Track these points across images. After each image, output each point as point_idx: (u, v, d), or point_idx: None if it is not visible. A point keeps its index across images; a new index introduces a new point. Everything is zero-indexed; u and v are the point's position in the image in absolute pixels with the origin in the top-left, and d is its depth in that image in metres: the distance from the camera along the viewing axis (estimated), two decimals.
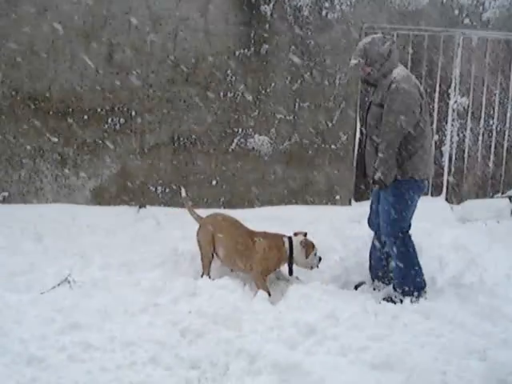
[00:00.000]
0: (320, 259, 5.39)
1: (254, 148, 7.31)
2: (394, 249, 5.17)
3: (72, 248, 5.87)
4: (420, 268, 5.21)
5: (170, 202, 7.19)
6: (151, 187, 7.18)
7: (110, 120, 6.98)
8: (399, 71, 5.00)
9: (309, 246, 5.30)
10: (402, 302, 5.11)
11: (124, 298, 4.85)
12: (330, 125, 7.41)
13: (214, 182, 7.29)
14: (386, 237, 5.22)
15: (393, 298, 5.20)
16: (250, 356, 4.01)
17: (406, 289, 5.17)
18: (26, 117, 6.86)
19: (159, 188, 7.17)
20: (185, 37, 6.95)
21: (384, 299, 5.19)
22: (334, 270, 5.74)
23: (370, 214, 5.60)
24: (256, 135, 7.29)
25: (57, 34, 6.74)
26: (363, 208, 7.11)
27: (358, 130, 7.52)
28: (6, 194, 6.96)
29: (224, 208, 7.22)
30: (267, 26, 7.10)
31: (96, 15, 6.77)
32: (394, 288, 5.27)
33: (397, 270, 5.22)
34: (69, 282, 5.13)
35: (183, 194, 5.66)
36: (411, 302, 5.09)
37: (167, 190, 7.20)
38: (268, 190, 7.40)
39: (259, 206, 7.35)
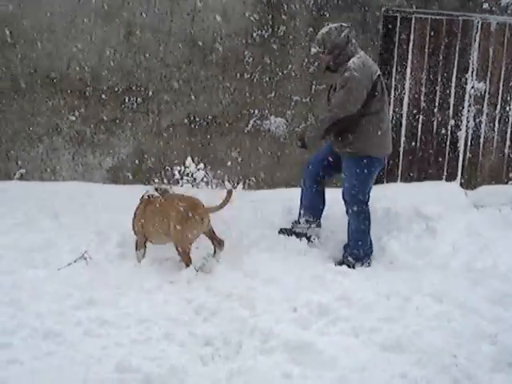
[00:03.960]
0: None
1: (269, 130, 7.32)
2: (352, 217, 5.61)
3: (88, 225, 5.92)
4: (370, 237, 5.66)
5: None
6: (167, 167, 7.21)
7: (127, 99, 7.01)
8: (355, 59, 5.32)
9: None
10: (354, 266, 5.52)
11: (139, 276, 4.92)
12: None
13: (229, 163, 7.31)
14: (347, 205, 5.65)
15: (345, 261, 5.58)
16: (263, 335, 4.07)
17: (357, 254, 5.58)
18: (44, 95, 6.90)
19: (175, 168, 7.20)
20: (203, 17, 6.95)
21: (337, 263, 5.56)
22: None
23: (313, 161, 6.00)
24: (272, 117, 7.30)
25: (75, 13, 6.76)
26: (378, 190, 7.14)
27: None
28: (24, 171, 7.03)
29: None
30: (285, 7, 7.08)
31: None
32: (345, 251, 5.67)
33: (352, 236, 5.64)
34: (85, 259, 5.20)
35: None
36: (361, 266, 5.54)
37: (183, 170, 7.24)
38: (283, 171, 7.42)
39: (274, 187, 7.37)
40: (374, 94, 5.35)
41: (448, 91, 7.72)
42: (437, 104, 7.72)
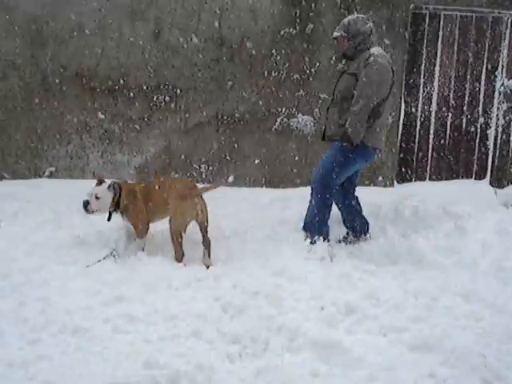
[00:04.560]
0: None
1: (297, 128, 7.32)
2: (315, 195, 5.63)
3: (117, 223, 5.96)
4: (325, 222, 5.72)
5: (214, 179, 7.25)
6: (195, 165, 7.25)
7: (155, 98, 7.06)
8: (376, 49, 5.43)
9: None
10: (315, 242, 5.59)
11: (167, 273, 4.93)
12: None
13: (256, 161, 7.32)
14: (314, 182, 5.65)
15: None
16: (291, 333, 4.05)
17: (311, 230, 5.66)
18: (74, 93, 6.98)
19: (203, 166, 7.24)
20: (230, 16, 6.96)
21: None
22: (379, 250, 5.77)
23: None
24: (299, 115, 7.30)
25: (104, 12, 6.82)
26: (406, 189, 7.10)
27: (402, 110, 7.48)
28: (53, 169, 7.12)
29: (266, 187, 7.30)
30: (313, 5, 7.07)
31: None
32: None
33: (309, 212, 5.71)
34: (114, 256, 5.23)
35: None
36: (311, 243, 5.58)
37: (210, 168, 7.27)
38: (310, 169, 7.39)
39: (301, 186, 7.36)
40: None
41: (477, 89, 7.66)
42: (466, 102, 7.65)
